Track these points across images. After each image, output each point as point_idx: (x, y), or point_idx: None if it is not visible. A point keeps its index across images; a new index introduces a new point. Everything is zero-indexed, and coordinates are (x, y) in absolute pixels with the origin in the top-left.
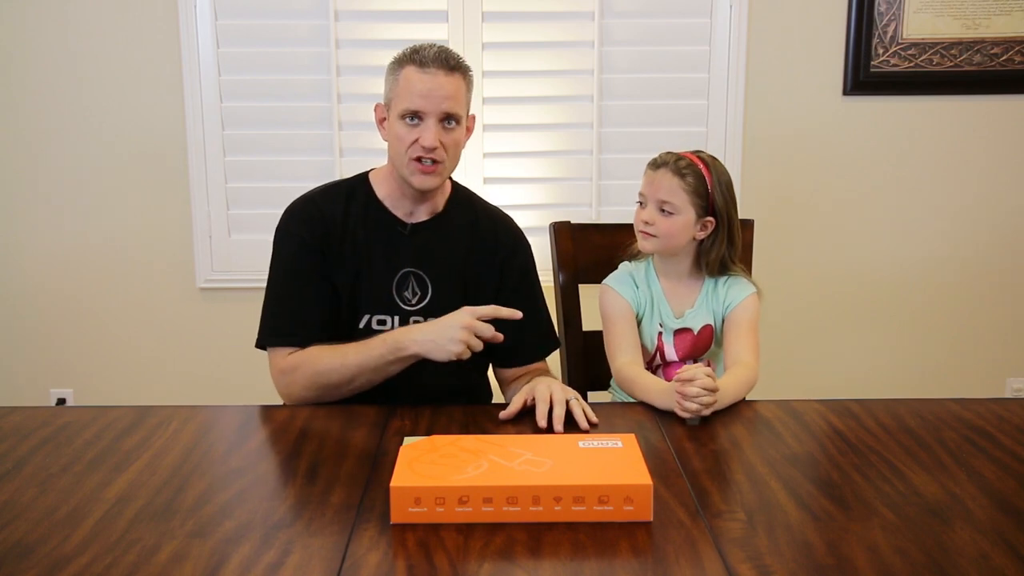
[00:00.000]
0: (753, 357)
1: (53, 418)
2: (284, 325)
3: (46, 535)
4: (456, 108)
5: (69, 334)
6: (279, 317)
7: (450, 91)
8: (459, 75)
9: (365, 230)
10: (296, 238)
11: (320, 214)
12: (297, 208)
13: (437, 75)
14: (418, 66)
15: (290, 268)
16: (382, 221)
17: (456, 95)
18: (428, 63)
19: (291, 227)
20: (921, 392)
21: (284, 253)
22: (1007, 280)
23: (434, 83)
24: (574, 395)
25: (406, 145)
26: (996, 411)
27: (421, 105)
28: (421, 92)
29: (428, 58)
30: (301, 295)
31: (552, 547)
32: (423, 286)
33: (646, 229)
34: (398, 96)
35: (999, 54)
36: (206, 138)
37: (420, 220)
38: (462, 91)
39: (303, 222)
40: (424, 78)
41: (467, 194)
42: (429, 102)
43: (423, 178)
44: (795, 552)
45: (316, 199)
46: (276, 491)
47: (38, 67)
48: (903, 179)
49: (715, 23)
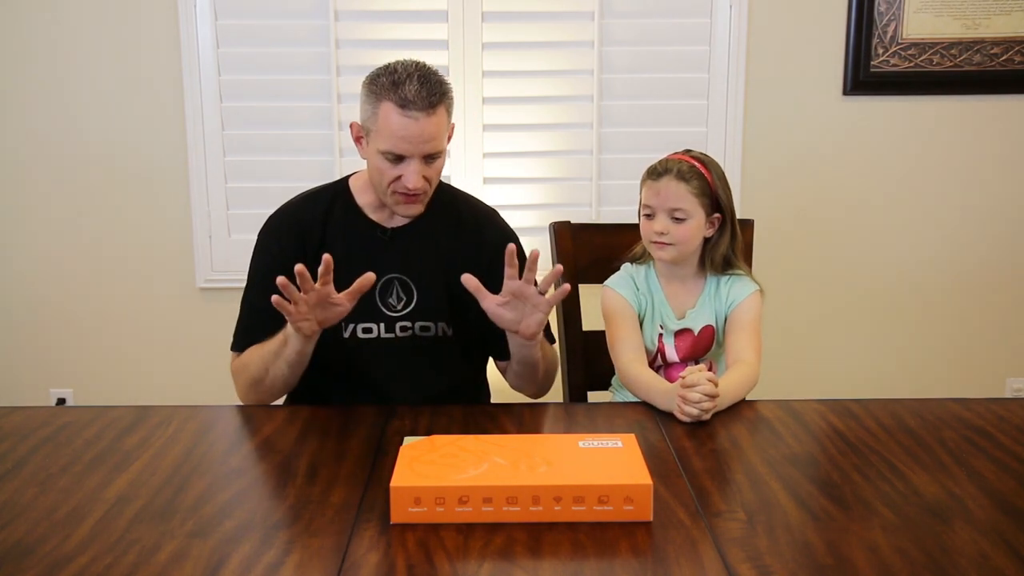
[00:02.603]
0: (755, 356)
1: (53, 418)
2: (247, 336)
3: (46, 535)
4: (440, 145)
5: (69, 334)
6: (252, 330)
7: (432, 132)
8: (441, 108)
9: (345, 239)
10: (268, 251)
11: (298, 225)
12: (275, 221)
13: (419, 119)
14: (399, 107)
15: (261, 281)
16: (362, 228)
17: (438, 132)
18: (409, 105)
19: (267, 240)
20: (921, 392)
21: (257, 265)
22: (1007, 280)
23: (417, 128)
24: None
25: (387, 180)
26: (996, 411)
27: (404, 149)
28: (404, 137)
29: (408, 98)
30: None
31: (552, 547)
32: (408, 291)
33: (661, 240)
34: (378, 132)
35: (999, 54)
36: (206, 138)
37: (400, 224)
38: (444, 123)
39: (276, 234)
40: (406, 123)
41: (449, 191)
42: (412, 146)
43: (407, 207)
44: (795, 552)
45: (295, 210)
46: (276, 491)
47: (38, 67)
48: (903, 179)
49: (715, 23)
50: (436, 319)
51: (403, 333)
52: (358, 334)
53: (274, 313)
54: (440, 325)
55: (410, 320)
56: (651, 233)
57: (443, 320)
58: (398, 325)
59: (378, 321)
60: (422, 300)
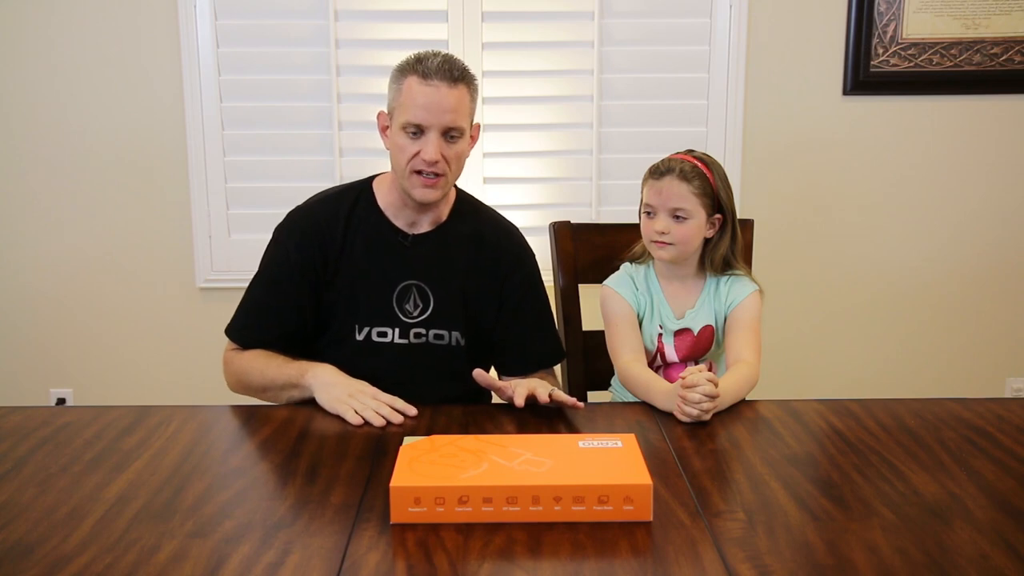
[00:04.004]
0: (754, 356)
1: (53, 418)
2: (248, 329)
3: (46, 535)
4: (459, 121)
5: (69, 334)
6: (248, 319)
7: (453, 104)
8: (463, 86)
9: (365, 241)
10: (284, 254)
11: (317, 226)
12: (296, 218)
13: (440, 88)
14: (421, 77)
15: (271, 280)
16: (383, 232)
17: (459, 108)
18: (431, 75)
19: (284, 237)
20: (921, 392)
21: (270, 262)
22: (1007, 280)
23: (437, 96)
24: (554, 391)
25: (407, 157)
26: (996, 411)
27: (423, 118)
28: (423, 105)
29: (431, 69)
30: (271, 309)
31: (552, 547)
32: (425, 298)
33: (661, 239)
34: (400, 107)
35: (999, 54)
36: (206, 138)
37: (422, 231)
38: (465, 102)
39: (296, 236)
40: (427, 91)
41: (472, 203)
42: (431, 115)
43: (424, 191)
44: (795, 552)
45: (317, 209)
46: (276, 491)
47: (38, 67)
48: (903, 179)
49: (715, 23)
50: (451, 328)
51: (417, 340)
52: (373, 337)
53: (276, 312)
54: (454, 334)
55: (425, 327)
56: (652, 232)
57: (457, 329)
58: (412, 331)
59: (393, 326)
60: (438, 308)
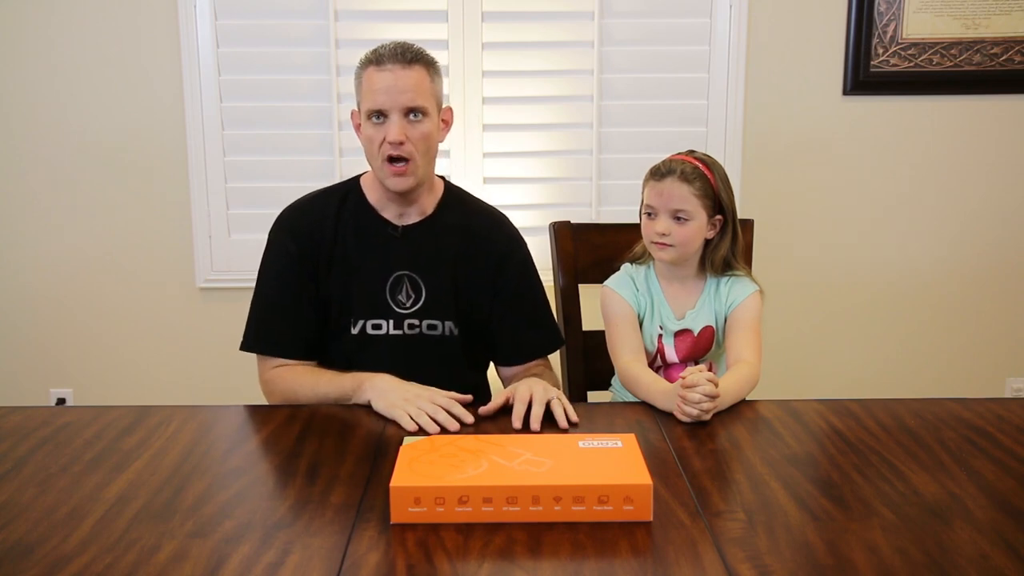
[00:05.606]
0: (755, 356)
1: (53, 418)
2: (270, 335)
3: (46, 535)
4: (418, 100)
5: (69, 334)
6: (267, 325)
7: (409, 84)
8: (419, 66)
9: (355, 235)
10: (283, 249)
11: (308, 223)
12: (285, 218)
13: (395, 70)
14: (376, 65)
15: (277, 278)
16: (373, 225)
17: (417, 87)
18: (384, 60)
19: (279, 237)
20: (921, 392)
21: (271, 262)
22: (1007, 280)
23: (392, 78)
24: (556, 394)
25: (376, 145)
26: (996, 411)
27: (383, 102)
28: (381, 89)
29: (384, 55)
30: (287, 307)
31: (552, 547)
32: (416, 289)
33: (662, 240)
34: (363, 98)
35: (999, 54)
36: (206, 138)
37: (411, 222)
38: (425, 82)
39: (290, 233)
40: (383, 75)
41: (459, 194)
42: (389, 97)
43: (396, 180)
44: (795, 552)
45: (307, 207)
46: (276, 491)
47: (38, 67)
48: (903, 179)
49: (715, 23)
50: (443, 318)
51: (411, 331)
52: (367, 330)
53: (293, 307)
54: (447, 324)
55: (418, 318)
56: (653, 233)
57: (450, 319)
58: (406, 322)
59: (387, 318)
60: (430, 298)
